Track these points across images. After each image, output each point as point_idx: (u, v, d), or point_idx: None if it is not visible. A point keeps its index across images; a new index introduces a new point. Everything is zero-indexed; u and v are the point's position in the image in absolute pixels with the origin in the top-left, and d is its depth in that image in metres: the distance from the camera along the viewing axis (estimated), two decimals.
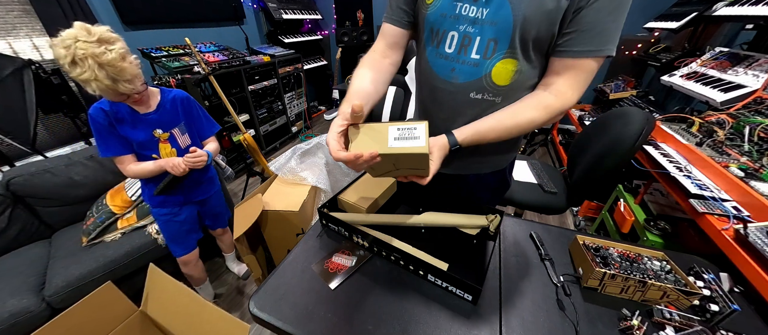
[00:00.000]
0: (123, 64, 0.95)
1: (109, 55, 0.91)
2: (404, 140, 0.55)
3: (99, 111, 1.08)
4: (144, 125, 1.15)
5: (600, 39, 0.58)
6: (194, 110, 1.29)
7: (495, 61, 0.66)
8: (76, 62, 0.89)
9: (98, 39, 0.91)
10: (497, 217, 0.81)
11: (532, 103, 0.67)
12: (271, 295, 0.69)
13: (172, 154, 1.23)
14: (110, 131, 1.10)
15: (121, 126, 1.11)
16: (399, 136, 0.55)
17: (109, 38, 0.94)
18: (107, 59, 0.91)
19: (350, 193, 0.93)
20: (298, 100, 3.56)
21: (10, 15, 1.91)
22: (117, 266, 1.47)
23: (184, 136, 1.26)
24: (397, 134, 0.55)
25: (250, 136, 2.02)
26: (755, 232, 0.83)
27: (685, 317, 0.62)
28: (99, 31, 0.92)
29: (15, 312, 1.22)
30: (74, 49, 0.87)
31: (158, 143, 1.19)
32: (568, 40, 0.60)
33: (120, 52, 0.94)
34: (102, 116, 1.07)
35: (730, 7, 1.56)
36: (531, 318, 0.64)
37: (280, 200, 1.53)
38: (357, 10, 3.71)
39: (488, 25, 0.63)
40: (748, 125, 1.12)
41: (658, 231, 1.30)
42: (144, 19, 2.48)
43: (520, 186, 1.36)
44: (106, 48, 0.91)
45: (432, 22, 0.70)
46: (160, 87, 1.22)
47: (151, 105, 1.16)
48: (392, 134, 0.55)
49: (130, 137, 1.13)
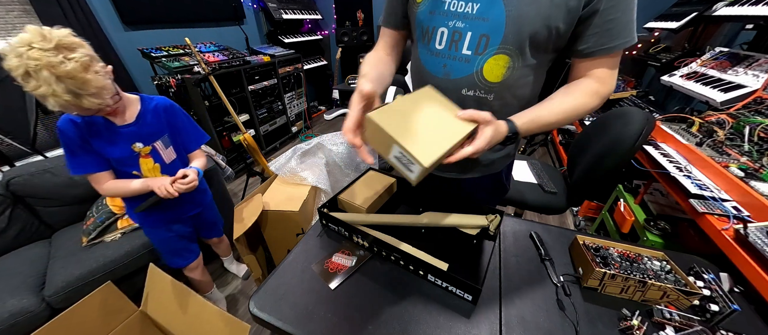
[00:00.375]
0: (86, 76, 0.80)
1: (68, 66, 0.76)
2: (401, 164, 0.55)
3: (69, 123, 0.94)
4: (122, 139, 1.01)
5: (625, 31, 0.61)
6: (179, 119, 1.15)
7: (486, 57, 0.65)
8: (30, 74, 0.75)
9: (56, 46, 0.76)
10: (497, 217, 0.81)
11: (581, 89, 0.67)
12: (271, 295, 0.69)
13: (155, 170, 1.10)
14: (83, 146, 0.97)
15: (96, 140, 0.98)
16: (399, 158, 0.54)
17: (69, 44, 0.79)
18: (66, 70, 0.76)
19: (350, 193, 0.93)
20: (298, 100, 3.56)
21: (10, 15, 1.91)
22: (117, 266, 1.47)
23: (168, 149, 1.12)
24: (398, 154, 0.54)
25: (250, 136, 2.02)
26: (755, 232, 0.83)
27: (685, 317, 0.62)
28: (58, 35, 0.78)
29: (15, 312, 1.22)
30: (26, 59, 0.73)
31: (139, 158, 1.06)
32: (595, 40, 0.62)
33: (82, 62, 0.79)
34: (73, 129, 0.94)
35: (730, 7, 1.56)
36: (531, 318, 0.64)
37: (280, 200, 1.53)
38: (357, 10, 3.71)
39: (479, 20, 0.63)
40: (748, 125, 1.12)
41: (658, 231, 1.30)
42: (144, 19, 2.48)
43: (520, 186, 1.36)
44: (65, 57, 0.76)
45: (421, 20, 0.71)
46: (140, 95, 1.08)
47: (129, 116, 1.02)
48: (394, 151, 0.54)
49: (107, 153, 1.00)
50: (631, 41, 0.62)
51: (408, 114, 0.58)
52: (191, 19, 2.83)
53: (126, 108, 1.02)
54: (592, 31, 0.61)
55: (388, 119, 0.54)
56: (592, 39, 0.62)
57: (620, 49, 0.63)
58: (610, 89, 0.68)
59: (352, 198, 0.90)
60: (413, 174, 0.54)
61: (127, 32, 2.43)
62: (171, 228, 1.26)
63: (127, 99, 1.03)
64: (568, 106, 0.67)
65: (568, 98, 0.67)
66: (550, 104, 0.67)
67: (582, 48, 0.64)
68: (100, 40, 2.19)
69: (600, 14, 0.58)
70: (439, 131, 0.58)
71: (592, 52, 0.63)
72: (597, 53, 0.63)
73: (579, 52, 0.65)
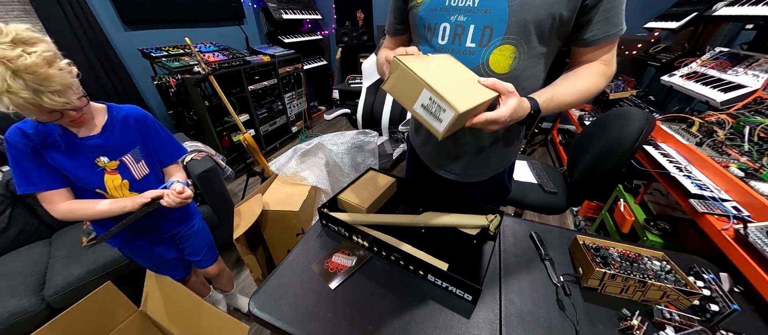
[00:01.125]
0: (48, 71, 0.71)
1: (28, 60, 0.68)
2: (429, 114, 0.51)
3: (18, 133, 0.82)
4: (84, 152, 0.89)
5: (622, 18, 0.64)
6: (152, 130, 1.02)
7: (492, 49, 0.66)
8: None
9: (12, 40, 0.68)
10: (497, 217, 0.82)
11: (591, 71, 0.69)
12: (271, 295, 0.69)
13: (123, 187, 0.96)
14: (34, 158, 0.84)
15: (51, 153, 0.85)
16: (427, 106, 0.51)
17: (28, 39, 0.71)
18: (24, 64, 0.67)
19: (350, 193, 0.93)
20: (298, 100, 3.56)
21: (10, 15, 1.91)
22: (117, 266, 1.47)
23: (139, 164, 0.99)
24: (427, 101, 0.50)
25: (250, 136, 2.02)
26: (755, 232, 0.83)
27: (685, 317, 0.62)
28: (15, 29, 0.69)
29: (15, 312, 1.22)
30: None
31: (104, 174, 0.92)
32: (599, 28, 0.63)
33: (44, 56, 0.70)
34: (22, 139, 0.82)
35: (730, 7, 1.56)
36: (531, 318, 0.64)
37: (281, 200, 1.53)
38: (357, 10, 3.71)
39: (481, 13, 0.63)
40: (748, 125, 1.12)
41: (658, 231, 1.30)
42: (144, 19, 2.48)
43: (520, 186, 1.36)
44: (24, 51, 0.68)
45: (423, 18, 0.72)
46: (108, 104, 0.96)
47: (93, 126, 0.90)
48: (422, 99, 0.51)
49: (65, 168, 0.87)
50: (624, 28, 0.65)
51: (435, 67, 0.56)
52: (191, 19, 2.83)
53: (92, 117, 0.90)
54: (596, 20, 0.63)
55: (417, 64, 0.51)
56: (596, 27, 0.63)
57: (619, 36, 0.65)
58: (613, 71, 0.71)
59: (352, 198, 0.90)
60: (442, 124, 0.51)
61: (127, 32, 2.43)
62: (154, 250, 1.15)
63: (93, 108, 0.91)
64: (583, 86, 0.68)
65: (581, 79, 0.69)
66: (565, 85, 0.68)
67: (587, 37, 0.65)
68: (100, 40, 2.19)
69: (604, 2, 0.60)
70: (466, 87, 0.56)
71: (597, 40, 0.65)
72: (601, 41, 0.65)
73: (584, 41, 0.66)
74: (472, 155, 0.85)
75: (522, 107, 0.61)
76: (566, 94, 0.67)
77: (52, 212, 0.90)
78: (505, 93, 0.59)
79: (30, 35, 0.72)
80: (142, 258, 1.16)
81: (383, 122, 2.68)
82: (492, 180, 0.93)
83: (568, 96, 0.67)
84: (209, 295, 1.54)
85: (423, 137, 0.94)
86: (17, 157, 0.84)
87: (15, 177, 0.86)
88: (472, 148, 0.84)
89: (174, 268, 1.24)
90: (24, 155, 0.84)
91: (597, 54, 0.68)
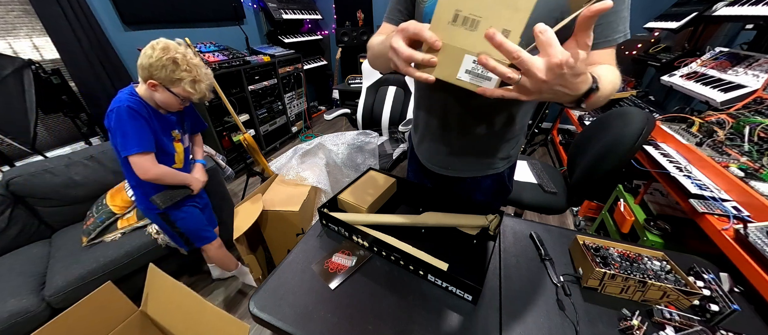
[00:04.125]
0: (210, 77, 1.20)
1: (206, 70, 1.18)
2: (476, 76, 0.48)
3: (137, 102, 1.08)
4: (167, 125, 1.21)
5: (625, 23, 0.63)
6: (189, 110, 1.33)
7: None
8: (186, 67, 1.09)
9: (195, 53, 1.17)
10: (497, 217, 0.81)
11: (610, 68, 0.63)
12: (271, 295, 0.69)
13: (181, 152, 1.30)
14: (149, 124, 1.10)
15: (153, 121, 1.13)
16: (471, 70, 0.48)
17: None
18: (206, 73, 1.18)
19: (350, 193, 0.93)
20: (298, 100, 3.56)
21: (10, 15, 1.91)
22: (117, 266, 1.47)
23: (185, 136, 1.32)
24: (471, 66, 0.47)
25: (250, 136, 2.02)
26: (755, 232, 0.83)
27: (685, 317, 0.62)
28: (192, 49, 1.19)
29: (15, 312, 1.22)
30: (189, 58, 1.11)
31: (173, 142, 1.25)
32: (600, 32, 0.62)
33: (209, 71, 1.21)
34: (143, 108, 1.09)
35: (730, 7, 1.56)
36: (531, 318, 0.64)
37: (281, 200, 1.53)
38: (357, 10, 3.71)
39: None
40: (748, 125, 1.12)
41: (658, 231, 1.30)
42: (144, 19, 2.48)
43: (520, 186, 1.36)
44: (201, 62, 1.16)
45: (430, 15, 0.70)
46: None
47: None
48: (465, 64, 0.47)
49: (158, 134, 1.16)
50: (627, 34, 0.64)
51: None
52: (191, 19, 2.83)
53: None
54: (597, 23, 0.61)
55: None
56: (597, 31, 0.62)
57: (620, 41, 0.64)
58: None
59: (352, 198, 0.90)
60: (491, 82, 0.48)
61: (127, 32, 2.43)
62: (195, 210, 1.41)
63: None
64: (614, 78, 0.61)
65: (612, 74, 0.60)
66: (603, 72, 0.57)
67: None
68: (100, 40, 2.19)
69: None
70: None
71: (597, 44, 0.64)
72: (601, 45, 0.64)
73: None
74: (469, 151, 0.85)
75: (586, 83, 0.48)
76: (608, 82, 0.56)
77: (144, 175, 1.12)
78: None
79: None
80: (189, 218, 1.38)
81: (383, 122, 2.68)
82: (492, 180, 0.93)
83: (608, 85, 0.57)
84: (238, 270, 1.64)
85: (420, 136, 0.94)
86: (137, 120, 1.07)
87: (131, 140, 1.06)
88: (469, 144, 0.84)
89: (208, 227, 1.46)
90: (144, 120, 1.09)
91: (597, 58, 0.66)
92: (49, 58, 2.10)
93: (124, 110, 1.04)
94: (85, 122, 2.16)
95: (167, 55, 1.05)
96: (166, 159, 1.22)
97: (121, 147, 1.08)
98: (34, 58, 1.91)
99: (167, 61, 1.05)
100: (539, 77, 0.42)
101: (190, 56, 1.11)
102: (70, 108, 2.04)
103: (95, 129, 2.30)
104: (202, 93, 1.15)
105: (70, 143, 2.26)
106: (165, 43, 1.07)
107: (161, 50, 1.05)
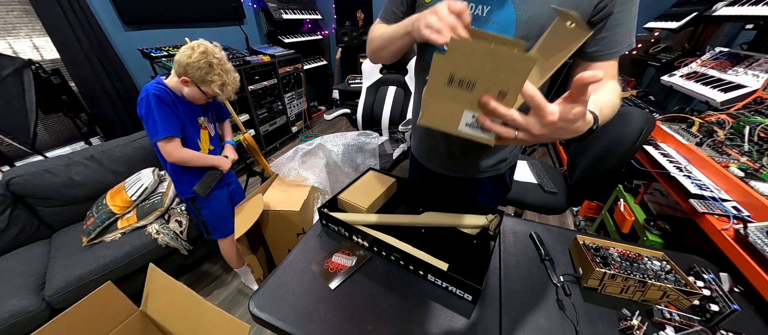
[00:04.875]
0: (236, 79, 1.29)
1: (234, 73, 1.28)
2: (476, 129, 0.48)
3: (164, 92, 1.16)
4: (194, 113, 1.29)
5: (630, 35, 0.62)
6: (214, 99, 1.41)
7: None
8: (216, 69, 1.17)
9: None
10: (497, 217, 0.81)
11: (612, 90, 0.62)
12: (271, 295, 0.69)
13: (206, 140, 1.38)
14: (172, 109, 1.18)
15: (180, 107, 1.22)
16: (471, 124, 0.48)
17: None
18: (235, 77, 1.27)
19: (350, 193, 0.93)
20: (298, 100, 3.56)
21: (10, 15, 1.91)
22: (117, 266, 1.47)
23: (211, 124, 1.41)
24: (470, 120, 0.47)
25: (250, 136, 2.02)
26: (755, 232, 0.83)
27: (685, 317, 0.62)
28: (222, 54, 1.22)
29: (15, 312, 1.22)
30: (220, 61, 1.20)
31: (200, 128, 1.33)
32: (604, 44, 0.62)
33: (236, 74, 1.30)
34: (168, 95, 1.17)
35: (730, 7, 1.56)
36: (531, 318, 0.64)
37: (281, 200, 1.53)
38: (357, 10, 3.71)
39: (490, 23, 0.63)
40: (748, 125, 1.12)
41: (658, 231, 1.30)
42: (144, 19, 2.47)
43: (520, 186, 1.36)
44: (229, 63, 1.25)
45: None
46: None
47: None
48: (465, 118, 0.47)
49: (184, 119, 1.24)
50: (632, 45, 0.63)
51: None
52: (191, 19, 2.82)
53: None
54: (601, 35, 0.61)
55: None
56: (601, 42, 0.62)
57: (624, 53, 0.64)
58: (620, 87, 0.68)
59: (352, 198, 0.90)
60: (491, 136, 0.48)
61: (127, 32, 2.43)
62: (223, 195, 1.48)
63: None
64: (615, 100, 0.61)
65: (612, 96, 0.61)
66: (603, 99, 0.58)
67: (591, 51, 0.64)
68: (100, 40, 2.19)
69: (611, 19, 0.59)
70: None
71: (600, 56, 0.64)
72: (605, 56, 0.64)
73: (587, 55, 0.65)
74: (470, 153, 0.85)
75: (587, 125, 0.48)
76: (608, 109, 0.58)
77: (169, 157, 1.22)
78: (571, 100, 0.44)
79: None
80: (213, 207, 1.44)
81: (383, 122, 2.68)
82: (493, 181, 0.93)
83: (609, 113, 0.58)
84: (243, 268, 1.67)
85: (420, 137, 0.94)
86: (163, 107, 1.15)
87: (158, 125, 1.14)
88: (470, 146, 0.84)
89: (231, 217, 1.49)
90: (169, 105, 1.17)
91: (601, 68, 0.64)
92: (49, 58, 2.10)
93: (152, 98, 1.13)
94: (85, 122, 2.16)
95: (205, 58, 1.13)
96: (192, 145, 1.30)
97: (151, 133, 1.17)
98: (34, 58, 1.91)
99: (204, 64, 1.13)
100: (535, 133, 0.44)
101: (225, 61, 1.21)
102: (70, 108, 2.04)
103: (95, 129, 2.30)
104: (228, 94, 1.25)
105: (70, 143, 2.26)
106: (205, 46, 1.15)
107: (201, 54, 1.13)
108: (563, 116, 0.43)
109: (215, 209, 1.45)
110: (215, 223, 1.48)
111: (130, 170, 1.74)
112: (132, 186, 1.62)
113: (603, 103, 0.57)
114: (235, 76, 1.27)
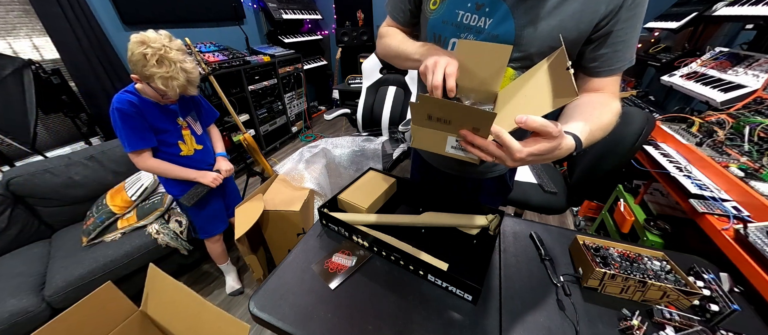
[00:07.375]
0: (196, 71, 1.14)
1: (189, 65, 1.11)
2: (461, 150, 0.53)
3: (127, 103, 1.09)
4: (170, 115, 1.23)
5: (631, 52, 0.62)
6: (198, 100, 1.39)
7: None
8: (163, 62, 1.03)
9: (178, 47, 1.09)
10: (497, 217, 0.82)
11: (609, 109, 0.61)
12: (271, 295, 0.69)
13: (192, 140, 1.33)
14: (141, 122, 1.13)
15: (150, 115, 1.16)
16: (456, 146, 0.54)
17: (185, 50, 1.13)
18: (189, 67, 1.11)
19: (350, 193, 0.93)
20: (298, 100, 3.56)
21: (10, 15, 1.91)
22: (117, 266, 1.47)
23: (196, 124, 1.37)
24: (454, 143, 0.53)
25: (250, 136, 2.02)
26: (755, 232, 0.83)
27: (685, 317, 0.62)
28: (179, 42, 1.11)
29: (15, 312, 1.22)
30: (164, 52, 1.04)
31: (181, 130, 1.28)
32: (603, 61, 0.62)
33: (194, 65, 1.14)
34: (132, 108, 1.10)
35: (730, 7, 1.56)
36: (531, 318, 0.64)
37: (281, 200, 1.53)
38: (357, 10, 3.70)
39: (491, 37, 0.63)
40: (748, 125, 1.12)
41: (658, 231, 1.29)
42: (144, 19, 2.47)
43: (520, 186, 1.36)
44: (186, 57, 1.11)
45: (434, 28, 0.71)
46: None
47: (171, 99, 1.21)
48: (450, 142, 0.53)
49: (160, 125, 1.19)
50: (633, 61, 0.63)
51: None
52: (191, 19, 2.82)
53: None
54: (601, 52, 0.61)
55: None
56: (601, 59, 0.62)
57: (625, 69, 0.64)
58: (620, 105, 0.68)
59: (352, 198, 0.90)
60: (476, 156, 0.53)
61: (127, 32, 2.42)
62: (212, 199, 1.46)
63: None
64: (608, 118, 0.60)
65: (606, 117, 0.60)
66: (594, 120, 0.58)
67: (592, 66, 0.64)
68: (100, 40, 2.19)
69: (612, 36, 0.59)
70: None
71: (600, 72, 0.64)
72: (606, 73, 0.63)
73: (588, 70, 0.65)
74: None
75: (569, 150, 0.50)
76: (597, 131, 0.57)
77: (141, 166, 1.21)
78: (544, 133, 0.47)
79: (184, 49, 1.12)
80: (199, 212, 1.44)
81: (383, 122, 2.68)
82: (494, 181, 0.93)
83: (599, 133, 0.58)
84: (226, 264, 1.69)
85: None
86: (128, 121, 1.11)
87: (128, 138, 1.13)
88: None
89: (220, 219, 1.53)
90: (134, 118, 1.11)
91: (601, 84, 0.65)
92: (49, 58, 2.10)
93: (116, 112, 1.09)
94: (85, 122, 2.16)
95: (139, 49, 0.99)
96: (170, 149, 1.26)
97: (123, 144, 1.16)
98: (34, 58, 1.90)
99: (139, 56, 1.00)
100: (509, 164, 0.49)
101: (170, 51, 1.04)
102: (70, 108, 2.04)
103: (95, 129, 2.30)
104: (175, 91, 1.08)
105: (70, 143, 2.26)
106: (143, 36, 1.01)
107: (137, 43, 1.00)
108: (532, 152, 0.46)
109: (200, 213, 1.45)
110: (201, 224, 1.49)
111: (130, 170, 1.74)
112: (132, 186, 1.62)
113: (594, 124, 0.57)
114: (189, 67, 1.09)
